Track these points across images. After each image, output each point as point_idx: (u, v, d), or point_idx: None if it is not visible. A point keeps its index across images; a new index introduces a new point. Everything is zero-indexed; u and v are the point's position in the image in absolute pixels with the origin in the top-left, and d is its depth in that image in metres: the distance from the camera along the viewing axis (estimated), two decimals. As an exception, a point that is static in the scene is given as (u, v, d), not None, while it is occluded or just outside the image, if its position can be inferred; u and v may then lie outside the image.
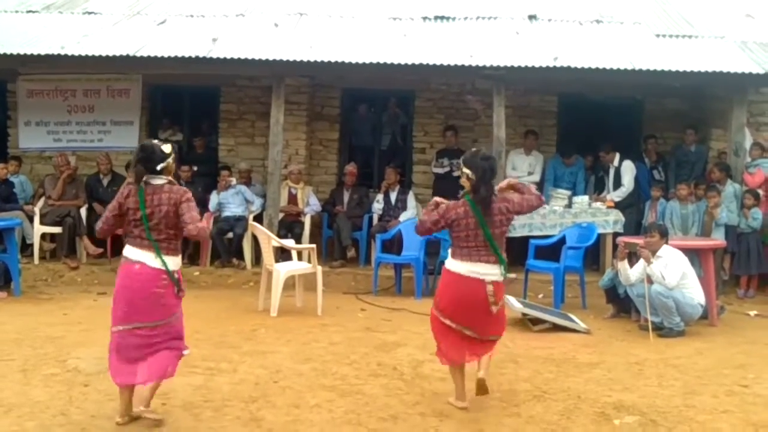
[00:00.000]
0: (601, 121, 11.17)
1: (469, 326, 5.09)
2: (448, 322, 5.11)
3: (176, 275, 4.85)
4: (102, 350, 6.33)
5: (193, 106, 12.11)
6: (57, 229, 10.19)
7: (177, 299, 4.89)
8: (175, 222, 4.79)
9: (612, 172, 10.46)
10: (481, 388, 5.02)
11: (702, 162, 10.86)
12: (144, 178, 4.83)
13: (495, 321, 5.17)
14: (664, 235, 7.74)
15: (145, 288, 4.75)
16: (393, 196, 10.77)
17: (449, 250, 5.18)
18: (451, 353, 5.17)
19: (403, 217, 10.44)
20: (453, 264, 5.09)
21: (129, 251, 4.84)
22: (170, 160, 4.92)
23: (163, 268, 4.77)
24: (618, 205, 10.18)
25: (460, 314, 5.07)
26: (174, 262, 4.85)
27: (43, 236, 10.24)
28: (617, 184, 10.39)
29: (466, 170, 5.07)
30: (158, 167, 4.84)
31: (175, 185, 4.92)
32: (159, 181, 4.85)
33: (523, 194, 5.16)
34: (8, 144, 11.72)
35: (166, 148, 4.93)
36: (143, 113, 11.72)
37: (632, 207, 10.41)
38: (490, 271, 5.02)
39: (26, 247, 10.25)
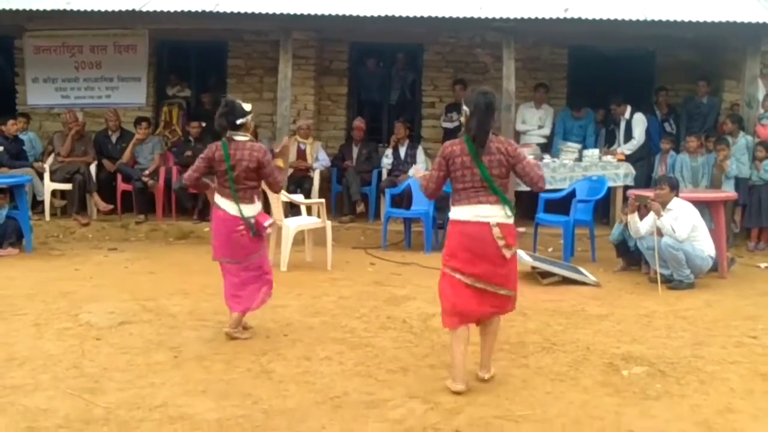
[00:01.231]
0: (613, 74, 11.03)
1: (481, 278, 4.67)
2: (458, 276, 4.70)
3: (252, 221, 5.53)
4: (113, 305, 6.43)
5: (200, 61, 12.04)
6: (67, 186, 10.21)
7: (255, 241, 5.61)
8: (254, 175, 5.50)
9: (623, 124, 10.36)
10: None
11: (714, 114, 10.76)
12: (227, 134, 5.49)
13: (509, 270, 4.75)
14: (675, 187, 7.69)
15: (227, 232, 5.55)
16: (402, 151, 10.74)
17: (451, 200, 4.84)
18: (458, 308, 4.70)
19: (412, 171, 10.40)
20: (456, 212, 4.75)
21: (218, 199, 5.59)
22: (249, 117, 5.57)
23: (239, 215, 5.48)
24: (629, 158, 10.12)
25: (471, 264, 4.67)
26: (250, 209, 5.54)
27: (54, 193, 10.27)
28: (628, 136, 10.31)
29: (464, 107, 4.75)
30: (237, 122, 5.48)
31: (256, 143, 5.59)
32: (241, 138, 5.50)
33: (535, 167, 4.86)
34: (17, 101, 11.70)
35: (247, 106, 5.58)
36: (150, 69, 11.66)
37: (643, 160, 10.34)
38: (493, 213, 4.63)
39: (37, 204, 10.30)
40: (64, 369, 4.92)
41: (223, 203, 5.54)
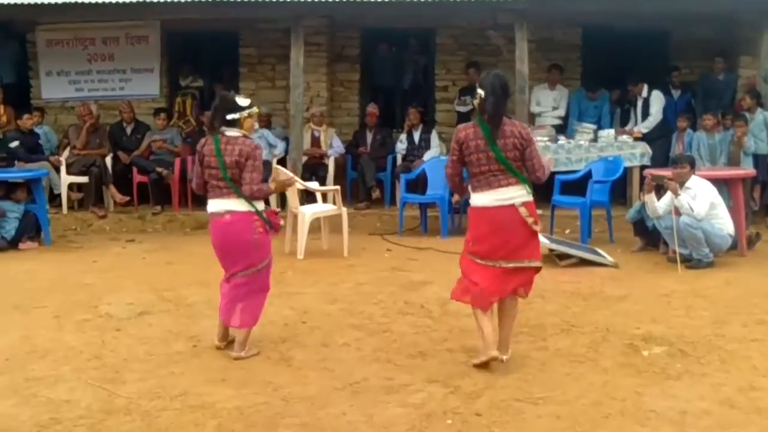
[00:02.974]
0: (627, 53, 10.92)
1: (509, 257, 4.69)
2: (486, 262, 4.70)
3: (265, 214, 5.03)
4: (132, 296, 6.47)
5: (212, 51, 12.02)
6: (83, 179, 10.24)
7: (269, 240, 5.12)
8: None
9: (640, 103, 10.24)
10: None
11: (731, 91, 10.63)
12: (221, 129, 4.99)
13: (535, 242, 4.80)
14: (693, 166, 7.64)
15: (240, 236, 4.96)
16: (416, 136, 10.69)
17: (469, 186, 4.83)
18: (485, 293, 4.72)
19: (427, 156, 10.38)
20: (476, 198, 4.73)
21: (214, 205, 5.03)
22: (245, 113, 5.03)
23: (253, 210, 4.95)
24: (647, 137, 10.02)
25: (498, 248, 4.68)
26: (259, 204, 5.03)
27: (70, 186, 10.31)
28: (645, 115, 10.20)
29: (479, 91, 4.71)
30: (228, 117, 4.98)
31: (248, 139, 5.04)
32: (234, 132, 4.99)
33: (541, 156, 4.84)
34: (31, 95, 11.74)
35: (243, 101, 5.08)
36: (163, 60, 11.65)
37: (662, 138, 10.19)
38: (516, 194, 4.64)
39: (54, 198, 10.35)
40: (85, 360, 4.96)
41: (226, 204, 4.96)
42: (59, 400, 4.29)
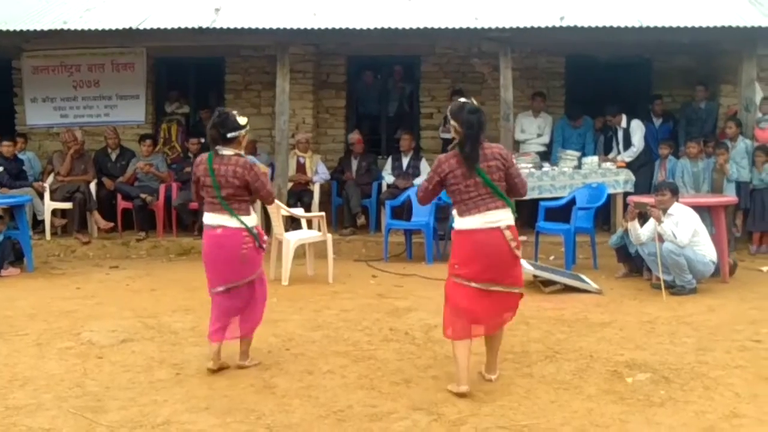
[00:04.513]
0: (610, 81, 11.07)
1: (494, 280, 4.73)
2: (473, 284, 4.72)
3: (255, 230, 5.17)
4: (115, 323, 6.43)
5: (198, 78, 12.06)
6: (67, 205, 10.21)
7: (259, 255, 5.25)
8: (242, 191, 5.11)
9: (620, 133, 10.37)
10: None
11: (712, 119, 10.77)
12: (215, 147, 5.12)
13: (518, 269, 4.86)
14: (675, 193, 7.69)
15: (230, 249, 5.11)
16: (405, 161, 10.73)
17: (453, 212, 4.88)
18: (464, 326, 4.76)
19: (417, 181, 10.40)
20: (462, 222, 4.75)
21: (207, 218, 5.22)
22: (243, 132, 5.18)
23: (243, 226, 5.10)
24: (632, 165, 10.11)
25: (484, 270, 4.70)
26: (250, 220, 5.17)
27: (54, 212, 10.26)
28: (627, 144, 10.31)
29: (453, 123, 4.75)
30: (228, 135, 5.10)
31: (242, 158, 5.16)
32: (227, 152, 5.11)
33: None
34: (15, 121, 11.71)
35: (242, 120, 5.20)
36: (149, 86, 11.68)
37: (645, 166, 10.31)
38: (502, 217, 4.69)
39: (37, 224, 10.30)
40: (67, 388, 4.91)
41: (219, 219, 5.13)
42: (40, 430, 4.24)
